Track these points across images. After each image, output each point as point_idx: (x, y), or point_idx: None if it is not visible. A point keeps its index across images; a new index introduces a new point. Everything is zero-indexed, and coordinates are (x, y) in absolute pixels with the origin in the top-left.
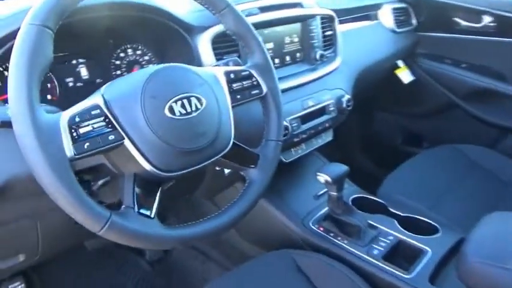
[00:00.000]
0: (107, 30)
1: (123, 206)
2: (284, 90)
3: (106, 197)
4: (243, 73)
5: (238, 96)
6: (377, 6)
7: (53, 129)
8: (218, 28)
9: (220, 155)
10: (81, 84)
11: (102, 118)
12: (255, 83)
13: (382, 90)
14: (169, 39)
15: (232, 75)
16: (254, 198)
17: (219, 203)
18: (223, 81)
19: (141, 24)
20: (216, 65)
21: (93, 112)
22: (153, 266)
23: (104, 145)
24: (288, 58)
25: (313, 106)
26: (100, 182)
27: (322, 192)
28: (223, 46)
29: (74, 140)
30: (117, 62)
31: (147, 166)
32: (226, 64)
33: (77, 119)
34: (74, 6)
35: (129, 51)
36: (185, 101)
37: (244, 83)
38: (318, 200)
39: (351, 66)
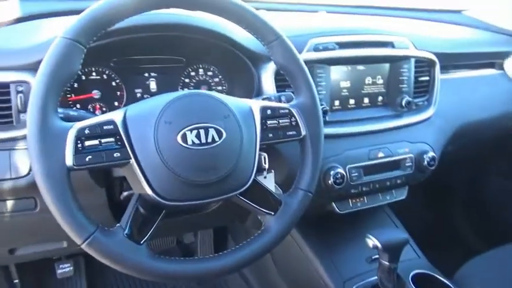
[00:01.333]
0: (181, 48)
1: (117, 225)
2: (351, 135)
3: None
4: (282, 111)
5: (271, 135)
6: (505, 54)
7: (58, 138)
8: None
9: (234, 193)
10: (148, 96)
11: (113, 134)
12: (293, 123)
13: (499, 151)
14: (234, 65)
15: (269, 112)
16: (264, 249)
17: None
18: (257, 116)
19: (210, 47)
20: (264, 98)
21: (105, 127)
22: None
23: (107, 161)
24: (366, 100)
25: (383, 158)
26: (125, 194)
27: (376, 256)
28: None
29: (77, 151)
30: (186, 80)
31: (149, 191)
32: (278, 98)
33: (87, 132)
34: (110, 26)
35: (200, 71)
36: (201, 131)
37: (280, 121)
38: (369, 265)
39: (449, 119)
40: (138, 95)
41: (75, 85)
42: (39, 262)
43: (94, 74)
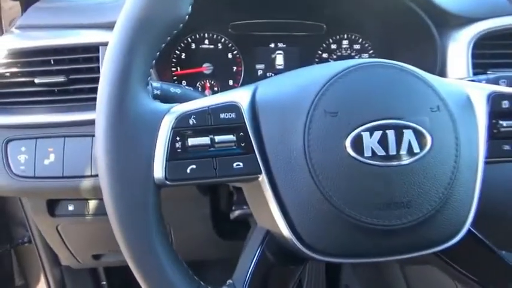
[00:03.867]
0: (322, 9)
1: (229, 281)
2: None
3: None
4: None
5: (507, 147)
6: None
7: (144, 128)
8: (492, 23)
9: (433, 249)
10: (272, 74)
11: (233, 129)
12: None
13: None
14: (405, 33)
15: (506, 104)
16: None
17: None
18: (481, 111)
19: (371, 6)
20: (472, 80)
21: (222, 115)
22: None
23: (221, 176)
24: None
25: None
26: (237, 213)
27: None
28: (492, 55)
29: (174, 155)
30: (325, 55)
31: (286, 232)
32: (495, 82)
33: (192, 121)
34: None
35: (345, 42)
36: (390, 133)
37: None
38: None
39: None
40: (260, 72)
41: (183, 56)
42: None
43: (207, 42)
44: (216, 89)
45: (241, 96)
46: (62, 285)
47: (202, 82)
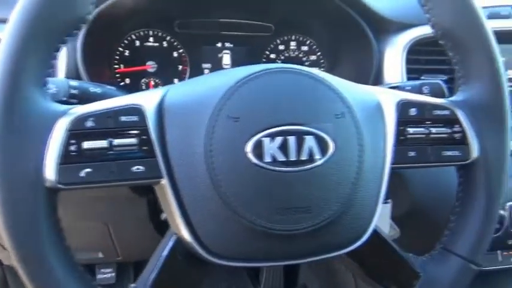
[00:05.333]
0: (270, 9)
1: (132, 285)
2: None
3: None
4: (439, 112)
5: (412, 154)
6: None
7: (36, 130)
8: (426, 29)
9: (338, 252)
10: None
11: (136, 132)
12: (457, 135)
13: None
14: (344, 37)
15: (413, 111)
16: None
17: None
18: (391, 117)
19: (313, 9)
20: (393, 87)
21: (123, 118)
22: None
23: (119, 179)
24: None
25: None
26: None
27: None
28: (426, 60)
29: (67, 158)
30: (272, 56)
31: (188, 236)
32: (419, 88)
33: (90, 124)
34: None
35: (292, 44)
36: (291, 139)
37: (433, 130)
38: None
39: None
40: (206, 71)
41: (126, 53)
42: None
43: (151, 39)
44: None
45: (147, 99)
46: (4, 284)
47: (147, 80)
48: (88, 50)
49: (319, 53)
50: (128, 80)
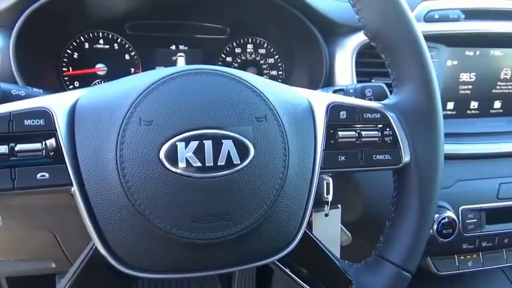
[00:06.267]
0: (224, 12)
1: None
2: (471, 157)
3: None
4: (369, 114)
5: (342, 158)
6: None
7: None
8: None
9: (264, 261)
10: None
11: (41, 137)
12: (388, 138)
13: None
14: (298, 40)
15: (343, 114)
16: None
17: None
18: (320, 120)
19: (267, 12)
20: (337, 90)
21: (28, 122)
22: None
23: (19, 188)
24: (498, 104)
25: None
26: None
27: None
28: (377, 63)
29: None
30: (228, 59)
31: (100, 247)
32: (362, 91)
33: None
34: None
35: (249, 47)
36: (207, 143)
37: (363, 133)
38: None
39: None
40: None
41: (75, 55)
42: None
43: (101, 42)
44: None
45: (58, 101)
46: None
47: (97, 83)
48: (29, 51)
49: (276, 56)
50: (77, 84)
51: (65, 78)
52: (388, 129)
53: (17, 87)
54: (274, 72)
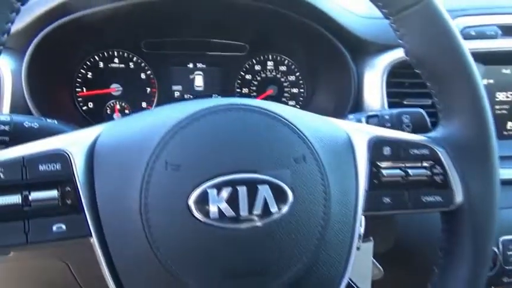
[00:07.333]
0: (244, 28)
1: None
2: (509, 182)
3: None
4: (416, 151)
5: (387, 200)
6: None
7: None
8: None
9: None
10: (190, 96)
11: (57, 183)
12: (437, 178)
13: None
14: (323, 58)
15: (387, 150)
16: None
17: None
18: (362, 158)
19: (289, 28)
20: (371, 115)
21: (43, 167)
22: None
23: (33, 242)
24: None
25: None
26: None
27: None
28: (410, 83)
29: None
30: (247, 77)
31: None
32: (397, 119)
33: None
34: None
35: (269, 64)
36: (242, 189)
37: (411, 172)
38: None
39: None
40: (177, 94)
41: (89, 75)
42: None
43: (117, 60)
44: (126, 111)
45: (75, 141)
46: None
47: (112, 104)
48: (41, 73)
49: (298, 74)
50: (91, 104)
51: (79, 99)
52: (438, 167)
53: (29, 119)
54: (295, 90)
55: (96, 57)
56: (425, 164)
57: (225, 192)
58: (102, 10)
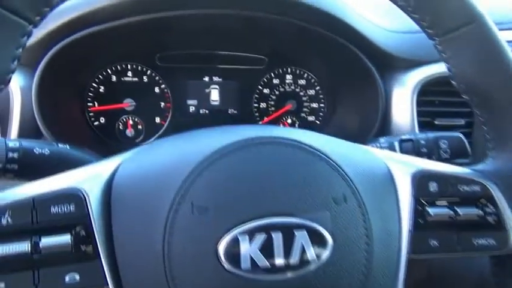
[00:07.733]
0: (263, 41)
1: None
2: None
3: None
4: (466, 187)
5: (435, 243)
6: None
7: None
8: (438, 68)
9: None
10: (206, 111)
11: (71, 227)
12: (490, 218)
13: None
14: (348, 73)
15: (434, 186)
16: None
17: None
18: (405, 194)
19: (315, 41)
20: (404, 139)
21: (55, 209)
22: None
23: None
24: None
25: None
26: None
27: None
28: (441, 102)
29: None
30: (265, 91)
31: None
32: (434, 144)
33: (7, 221)
34: None
35: (288, 77)
36: (277, 236)
37: (460, 211)
38: None
39: None
40: (192, 108)
41: (101, 89)
42: None
43: (130, 74)
44: (139, 127)
45: (90, 178)
46: None
47: (124, 119)
48: (52, 89)
49: (318, 88)
50: (102, 120)
51: (90, 114)
52: (490, 205)
53: (39, 145)
54: (315, 105)
55: (109, 70)
56: (476, 203)
57: (259, 239)
58: (115, 24)
